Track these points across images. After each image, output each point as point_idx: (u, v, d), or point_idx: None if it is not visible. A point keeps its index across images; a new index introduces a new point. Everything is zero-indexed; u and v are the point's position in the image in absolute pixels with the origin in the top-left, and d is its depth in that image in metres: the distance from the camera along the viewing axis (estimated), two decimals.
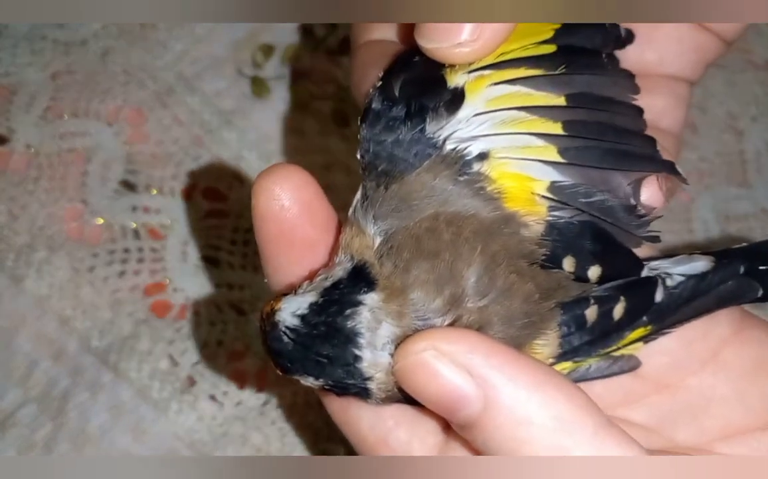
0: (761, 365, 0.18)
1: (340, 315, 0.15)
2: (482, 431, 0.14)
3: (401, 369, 0.15)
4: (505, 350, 0.15)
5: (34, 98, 0.34)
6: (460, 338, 0.14)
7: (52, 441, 0.28)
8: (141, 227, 0.31)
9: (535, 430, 0.14)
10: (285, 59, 0.36)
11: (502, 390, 0.14)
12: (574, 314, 0.16)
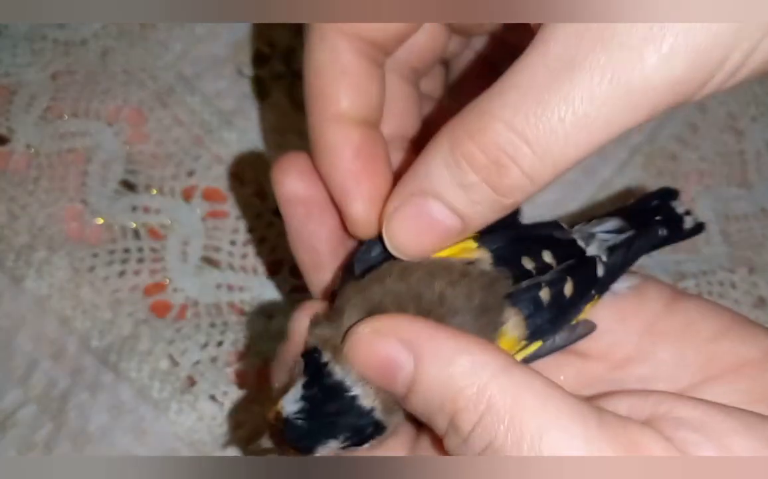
0: (691, 326, 0.19)
1: (324, 379, 0.18)
2: (419, 390, 0.16)
3: (349, 350, 0.17)
4: (426, 321, 0.17)
5: (34, 98, 0.34)
6: (389, 317, 0.17)
7: (52, 441, 0.28)
8: (141, 227, 0.31)
9: (460, 371, 0.16)
10: (285, 60, 0.36)
11: (426, 344, 0.16)
12: (531, 297, 0.19)
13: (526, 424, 0.15)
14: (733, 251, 0.33)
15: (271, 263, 0.32)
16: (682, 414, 0.16)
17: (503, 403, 0.15)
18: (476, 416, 0.16)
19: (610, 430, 0.15)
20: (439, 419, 0.16)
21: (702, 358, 0.19)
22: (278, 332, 0.30)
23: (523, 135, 0.16)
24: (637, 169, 0.35)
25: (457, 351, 0.16)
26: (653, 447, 0.15)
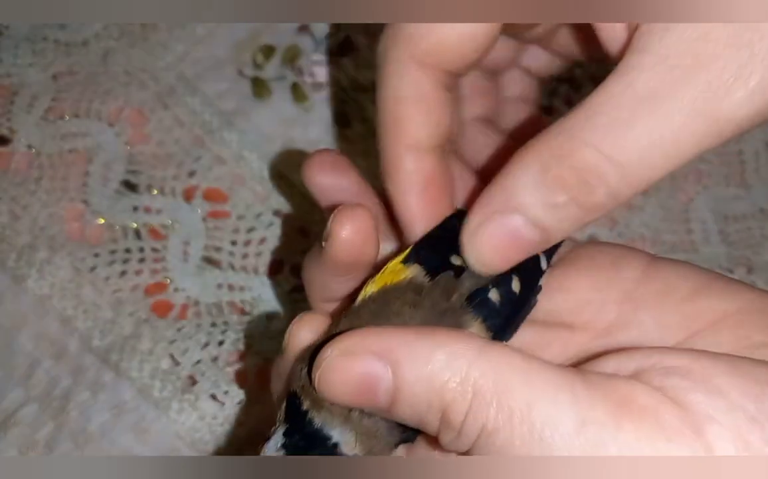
0: (669, 288, 0.20)
1: (305, 427, 0.18)
2: (404, 396, 0.16)
3: (320, 382, 0.17)
4: (392, 327, 0.17)
5: (36, 99, 0.34)
6: (354, 334, 0.17)
7: (53, 440, 0.28)
8: (142, 227, 0.32)
9: (439, 366, 0.16)
10: (286, 60, 0.36)
11: (400, 349, 0.16)
12: (481, 301, 0.19)
13: (514, 401, 0.15)
14: (732, 251, 0.33)
15: (272, 263, 0.32)
16: (670, 363, 0.16)
17: (487, 386, 0.15)
18: (465, 405, 0.16)
19: (597, 390, 0.16)
20: (430, 418, 0.16)
21: (682, 317, 0.19)
22: (278, 332, 0.30)
23: (611, 158, 0.17)
24: None
25: (432, 347, 0.16)
26: (643, 398, 0.15)
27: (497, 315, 0.19)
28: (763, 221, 0.34)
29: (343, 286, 0.21)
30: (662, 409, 0.15)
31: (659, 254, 0.32)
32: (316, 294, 0.22)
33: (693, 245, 0.33)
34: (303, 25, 0.36)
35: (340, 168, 0.22)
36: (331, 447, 0.18)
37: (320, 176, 0.21)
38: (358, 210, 0.19)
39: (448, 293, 0.19)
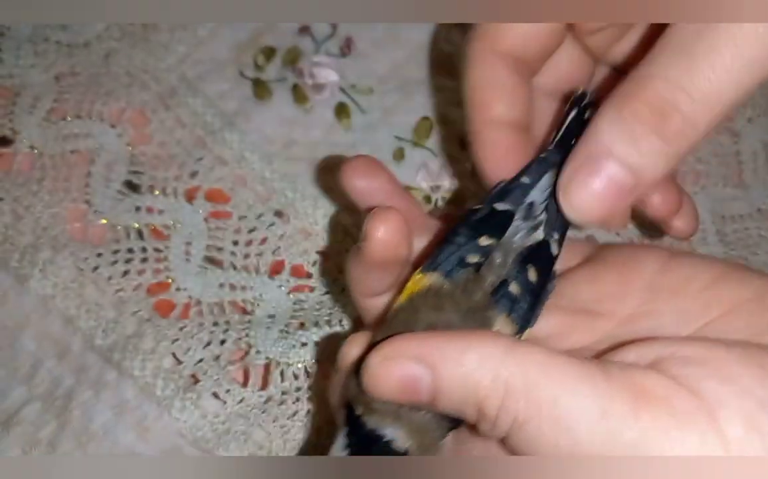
0: (687, 279, 0.21)
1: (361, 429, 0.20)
2: (443, 394, 0.18)
3: (368, 386, 0.19)
4: (425, 332, 0.19)
5: (38, 100, 0.34)
6: (392, 341, 0.19)
7: (56, 439, 0.28)
8: (144, 228, 0.32)
9: (472, 366, 0.18)
10: (286, 62, 0.36)
11: (436, 353, 0.18)
12: (504, 296, 0.21)
13: (541, 396, 0.17)
14: (729, 252, 0.33)
15: (273, 263, 0.32)
16: (686, 353, 0.17)
17: (517, 383, 0.17)
18: (498, 401, 0.17)
19: (616, 381, 0.17)
20: (468, 411, 0.18)
21: (700, 305, 0.20)
22: (280, 331, 0.30)
23: (680, 84, 0.18)
24: None
25: (463, 349, 0.18)
26: (659, 388, 0.17)
27: (520, 306, 0.21)
28: (761, 221, 0.34)
29: (381, 281, 0.23)
30: (677, 397, 0.16)
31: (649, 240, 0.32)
32: (358, 290, 0.24)
33: (690, 245, 0.33)
34: (303, 27, 0.37)
35: (375, 171, 0.24)
36: (385, 444, 0.19)
37: (356, 180, 0.23)
38: (391, 212, 0.21)
39: (470, 292, 0.21)
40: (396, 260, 0.22)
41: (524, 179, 0.22)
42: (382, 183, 0.24)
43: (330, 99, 0.35)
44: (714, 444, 0.16)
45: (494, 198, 0.22)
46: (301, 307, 0.31)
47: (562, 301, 0.22)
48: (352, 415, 0.20)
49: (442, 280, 0.21)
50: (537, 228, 0.22)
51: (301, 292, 0.31)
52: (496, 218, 0.22)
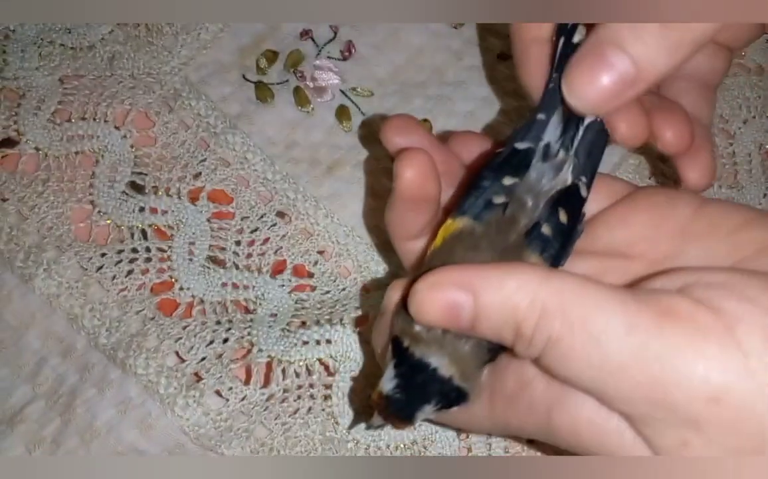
0: (715, 224, 0.22)
1: (408, 360, 0.21)
2: (483, 318, 0.19)
3: (414, 310, 0.20)
4: (474, 265, 0.20)
5: (43, 101, 0.34)
6: (439, 270, 0.20)
7: (59, 436, 0.29)
8: (148, 228, 0.32)
9: (511, 291, 0.19)
10: (288, 65, 0.36)
11: (477, 281, 0.19)
12: (537, 236, 0.22)
13: (574, 314, 0.18)
14: None
15: (275, 263, 0.32)
16: (710, 279, 0.19)
17: (552, 304, 0.18)
18: (534, 320, 0.19)
19: (643, 301, 0.18)
20: (506, 333, 0.19)
21: (729, 247, 0.21)
22: (281, 329, 0.31)
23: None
24: (630, 172, 0.35)
25: (503, 277, 0.19)
26: (683, 307, 0.18)
27: (552, 246, 0.22)
28: None
29: (415, 222, 0.24)
30: (699, 314, 0.18)
31: None
32: (396, 232, 0.25)
33: None
34: (305, 30, 0.37)
35: (412, 128, 0.25)
36: (432, 371, 0.21)
37: (396, 137, 0.25)
38: (418, 152, 0.23)
39: (505, 233, 0.22)
40: (426, 197, 0.23)
41: (540, 116, 0.23)
42: (420, 138, 0.25)
43: (331, 102, 0.36)
44: (733, 355, 0.17)
45: (514, 138, 0.23)
46: (303, 306, 0.31)
47: (596, 244, 0.23)
48: (399, 348, 0.21)
49: (473, 222, 0.22)
50: (561, 168, 0.23)
51: (303, 291, 0.32)
52: (516, 157, 0.23)
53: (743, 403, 0.17)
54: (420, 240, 0.25)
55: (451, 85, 0.37)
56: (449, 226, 0.22)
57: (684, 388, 0.17)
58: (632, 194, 0.24)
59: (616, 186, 0.25)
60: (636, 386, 0.18)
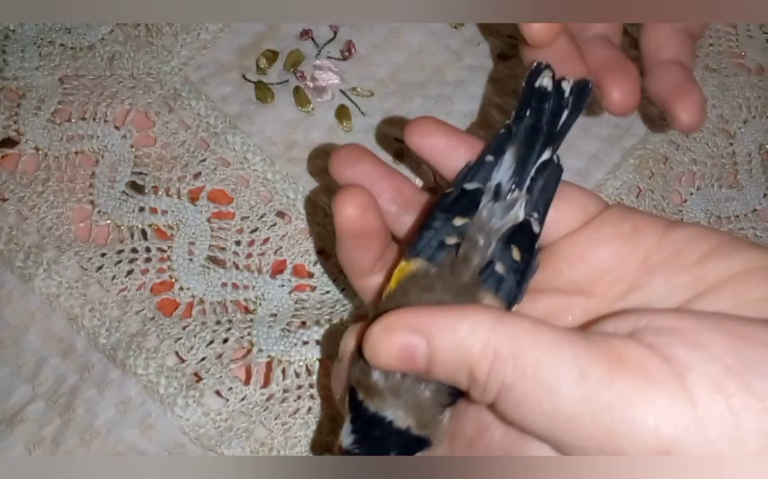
0: (679, 253, 0.21)
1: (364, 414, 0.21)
2: (437, 361, 0.19)
3: (368, 354, 0.20)
4: (423, 306, 0.20)
5: (43, 101, 0.34)
6: (393, 313, 0.20)
7: (59, 436, 0.29)
8: (148, 228, 0.32)
9: (464, 334, 0.19)
10: (288, 65, 0.36)
11: (431, 324, 0.19)
12: (490, 275, 0.21)
13: (527, 359, 0.18)
14: None
15: (275, 263, 0.32)
16: (660, 323, 0.18)
17: (504, 348, 0.18)
18: (487, 366, 0.18)
19: (595, 347, 0.18)
20: (460, 377, 0.19)
21: (690, 279, 0.21)
22: (281, 329, 0.31)
23: None
24: (630, 171, 0.35)
25: (457, 319, 0.19)
26: (634, 354, 0.18)
27: (506, 285, 0.22)
28: (756, 221, 0.35)
29: (365, 257, 0.24)
30: (649, 362, 0.17)
31: None
32: (349, 270, 0.25)
33: None
34: (305, 30, 0.37)
35: (360, 157, 0.24)
36: (387, 424, 0.21)
37: (343, 169, 0.24)
38: (354, 188, 0.23)
39: (458, 273, 0.22)
40: (368, 231, 0.23)
41: (488, 158, 0.23)
42: (368, 167, 0.24)
43: (331, 101, 0.36)
44: (683, 406, 0.17)
45: (462, 179, 0.23)
46: (303, 306, 0.31)
47: (558, 280, 0.23)
48: (355, 400, 0.21)
49: (427, 264, 0.22)
50: (512, 206, 0.22)
51: (303, 291, 0.32)
52: (466, 197, 0.23)
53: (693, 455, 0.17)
54: (375, 275, 0.24)
55: (451, 85, 0.37)
56: (403, 268, 0.22)
57: (635, 440, 0.17)
58: (597, 222, 0.23)
59: (584, 200, 0.24)
60: (589, 436, 0.17)
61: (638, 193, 0.35)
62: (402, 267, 0.22)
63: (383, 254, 0.24)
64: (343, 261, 0.25)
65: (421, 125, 0.24)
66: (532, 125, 0.23)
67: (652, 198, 0.35)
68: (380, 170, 0.25)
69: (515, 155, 0.23)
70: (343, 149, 0.25)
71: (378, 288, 0.24)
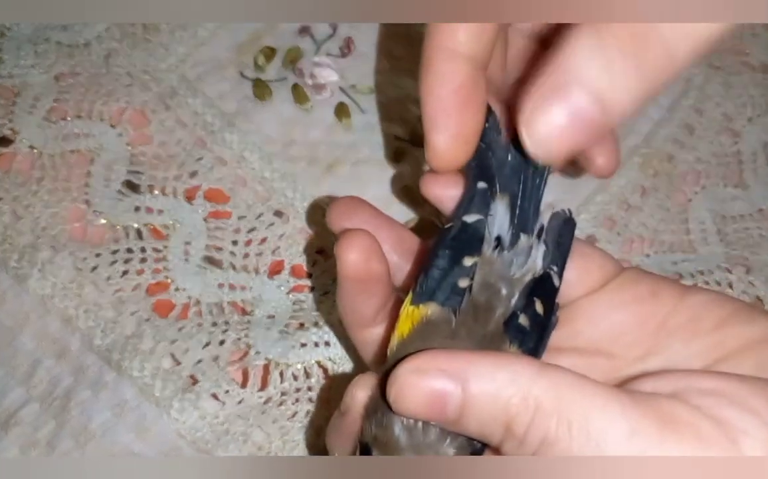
0: (697, 318, 0.21)
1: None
2: (472, 411, 0.18)
3: (394, 398, 0.18)
4: (460, 350, 0.19)
5: (38, 100, 0.34)
6: (424, 354, 0.18)
7: (54, 439, 0.28)
8: (144, 228, 0.32)
9: (503, 383, 0.18)
10: (286, 62, 0.36)
11: (468, 369, 0.18)
12: (515, 327, 0.21)
13: (573, 414, 0.17)
14: (730, 252, 0.33)
15: (273, 263, 0.32)
16: (702, 385, 0.18)
17: (548, 401, 0.17)
18: (528, 418, 0.17)
19: (643, 405, 0.17)
20: (494, 429, 0.18)
21: (709, 345, 0.21)
22: (279, 331, 0.30)
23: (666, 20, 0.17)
24: (635, 170, 0.35)
25: (495, 367, 0.18)
26: (684, 415, 0.17)
27: (530, 339, 0.21)
28: (761, 221, 0.34)
29: (368, 305, 0.23)
30: (701, 424, 0.17)
31: (658, 254, 0.32)
32: (350, 320, 0.24)
33: (691, 245, 0.33)
34: (303, 27, 0.37)
35: (357, 209, 0.23)
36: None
37: (342, 221, 0.23)
38: (358, 232, 0.22)
39: (482, 320, 0.21)
40: (373, 277, 0.22)
41: (480, 185, 0.22)
42: (367, 217, 0.23)
43: (330, 99, 0.35)
44: None
45: (461, 211, 0.22)
46: (301, 307, 0.31)
47: (577, 339, 0.22)
48: None
49: (442, 309, 0.21)
50: (529, 254, 0.22)
51: (301, 292, 0.31)
52: (468, 232, 0.21)
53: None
54: (377, 327, 0.23)
55: None
56: (413, 313, 0.21)
57: None
58: (616, 284, 0.23)
59: (601, 261, 0.23)
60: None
61: (642, 192, 0.34)
62: (411, 312, 0.21)
63: (386, 303, 0.23)
64: (344, 310, 0.23)
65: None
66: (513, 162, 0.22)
67: (656, 197, 0.34)
68: (379, 220, 0.24)
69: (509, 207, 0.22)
70: (341, 200, 0.24)
71: (381, 340, 0.23)
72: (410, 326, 0.21)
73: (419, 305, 0.21)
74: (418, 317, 0.21)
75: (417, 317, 0.21)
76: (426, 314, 0.21)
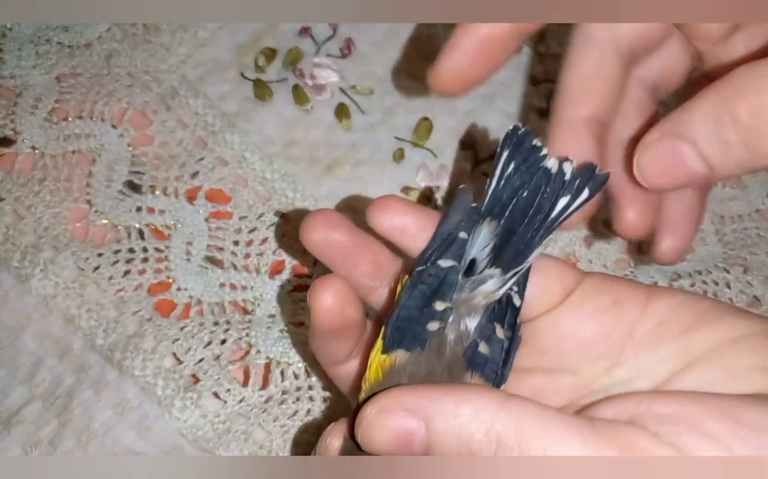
0: (663, 325, 0.21)
1: None
2: (436, 447, 0.18)
3: (361, 439, 0.19)
4: (421, 385, 0.19)
5: (40, 100, 0.34)
6: (387, 393, 0.19)
7: (56, 438, 0.28)
8: (145, 228, 0.32)
9: (466, 419, 0.18)
10: (287, 63, 0.36)
11: (430, 406, 0.18)
12: (475, 355, 0.21)
13: (533, 447, 0.17)
14: (728, 251, 0.33)
15: (273, 263, 0.32)
16: (660, 410, 0.18)
17: (509, 435, 0.17)
18: (490, 452, 0.18)
19: (603, 434, 0.17)
20: None
21: (676, 350, 0.21)
22: (280, 330, 0.30)
23: None
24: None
25: (458, 402, 0.18)
26: (643, 442, 0.17)
27: (492, 364, 0.21)
28: (759, 221, 0.35)
29: (342, 348, 0.23)
30: (660, 452, 0.17)
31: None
32: (325, 361, 0.24)
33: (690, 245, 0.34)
34: (304, 28, 0.37)
35: (334, 225, 0.23)
36: None
37: (316, 236, 0.22)
38: (332, 278, 0.22)
39: (442, 355, 0.21)
40: (347, 324, 0.22)
41: (461, 235, 0.22)
42: (342, 236, 0.22)
43: (330, 100, 0.36)
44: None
45: (435, 256, 0.22)
46: (302, 307, 0.31)
47: (543, 359, 0.22)
48: None
49: (408, 354, 0.21)
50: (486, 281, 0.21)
51: (302, 292, 0.32)
52: (441, 276, 0.21)
53: None
54: (352, 361, 0.23)
55: None
56: (384, 361, 0.21)
57: None
58: (577, 296, 0.22)
59: (560, 272, 0.23)
60: None
61: None
62: (382, 361, 0.21)
63: (359, 340, 0.23)
64: (318, 353, 0.23)
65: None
66: (520, 206, 0.21)
67: None
68: (355, 239, 0.23)
69: (491, 234, 0.21)
70: (317, 214, 0.23)
71: (356, 372, 0.23)
72: (380, 375, 0.21)
73: (389, 353, 0.21)
74: (388, 365, 0.21)
75: (387, 364, 0.21)
76: (393, 362, 0.21)
